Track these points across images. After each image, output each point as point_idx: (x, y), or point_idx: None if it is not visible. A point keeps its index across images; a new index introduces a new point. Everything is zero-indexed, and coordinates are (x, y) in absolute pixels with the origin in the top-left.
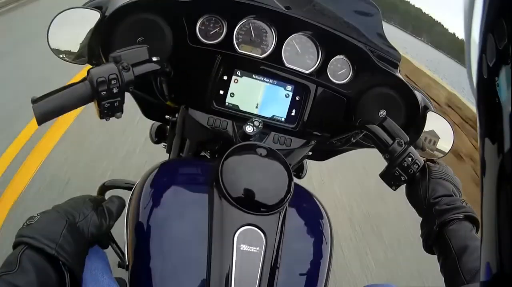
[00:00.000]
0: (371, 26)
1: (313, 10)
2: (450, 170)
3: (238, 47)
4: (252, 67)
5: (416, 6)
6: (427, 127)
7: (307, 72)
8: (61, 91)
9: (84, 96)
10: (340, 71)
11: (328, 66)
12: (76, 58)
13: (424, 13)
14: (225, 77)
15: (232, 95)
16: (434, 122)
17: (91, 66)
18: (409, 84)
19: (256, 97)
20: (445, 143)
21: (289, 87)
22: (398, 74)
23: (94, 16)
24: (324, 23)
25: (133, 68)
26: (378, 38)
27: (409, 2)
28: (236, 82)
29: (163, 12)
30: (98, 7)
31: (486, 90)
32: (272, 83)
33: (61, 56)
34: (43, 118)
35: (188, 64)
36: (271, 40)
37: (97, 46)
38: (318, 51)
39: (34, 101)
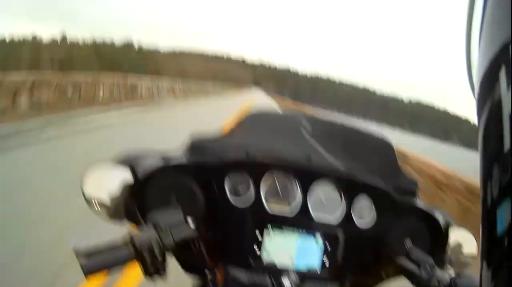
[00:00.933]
0: (387, 161)
1: (333, 155)
2: (476, 281)
3: (267, 203)
4: (282, 221)
5: (441, 109)
6: (451, 242)
7: (334, 222)
8: (106, 249)
9: (128, 258)
10: (364, 214)
11: (353, 211)
12: (113, 215)
13: (450, 113)
14: (257, 233)
15: (266, 250)
16: (457, 235)
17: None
18: (429, 209)
19: (290, 250)
20: (469, 250)
21: (319, 237)
22: (418, 202)
23: (125, 173)
24: (343, 166)
25: (172, 233)
26: (394, 171)
27: (433, 107)
28: (269, 238)
29: (191, 174)
30: (127, 164)
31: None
32: (303, 235)
33: (96, 210)
34: (89, 272)
35: (221, 223)
36: (297, 194)
37: (133, 205)
38: (341, 198)
39: (79, 253)
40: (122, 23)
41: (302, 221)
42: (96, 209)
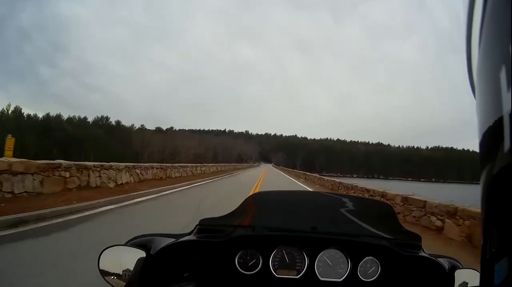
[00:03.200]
0: (388, 221)
1: (337, 223)
2: None
3: (276, 273)
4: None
5: (459, 149)
6: (458, 281)
7: (340, 280)
8: None
9: None
10: (370, 270)
11: (358, 269)
12: None
13: (472, 151)
14: None
15: None
16: (464, 275)
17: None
18: (433, 257)
19: None
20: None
21: None
22: (422, 253)
23: (139, 254)
24: (348, 231)
25: None
26: (396, 229)
27: (454, 148)
28: None
29: (203, 251)
30: (142, 246)
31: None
32: None
33: (112, 284)
34: None
35: None
36: (304, 261)
37: (148, 282)
38: (347, 260)
39: None
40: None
41: (309, 284)
42: (111, 282)
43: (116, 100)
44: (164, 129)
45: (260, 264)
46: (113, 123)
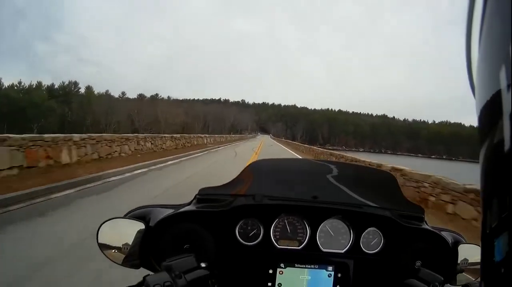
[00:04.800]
0: (391, 192)
1: (339, 192)
2: None
3: (277, 243)
4: (293, 258)
5: (467, 125)
6: (461, 256)
7: (343, 251)
8: None
9: None
10: (372, 241)
11: (361, 240)
12: (128, 262)
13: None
14: (270, 271)
15: (280, 285)
16: (467, 250)
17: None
18: (436, 230)
19: (302, 283)
20: (477, 263)
21: (330, 268)
22: (425, 226)
23: (138, 226)
24: (350, 201)
25: (185, 275)
26: (399, 200)
27: (461, 124)
28: (281, 274)
29: (203, 221)
30: (140, 218)
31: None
32: (314, 268)
33: (112, 258)
34: None
35: (234, 264)
36: (306, 231)
37: (148, 254)
38: (349, 230)
39: None
40: None
41: (311, 255)
42: (110, 256)
43: (111, 74)
44: (148, 96)
45: (261, 234)
46: (83, 90)
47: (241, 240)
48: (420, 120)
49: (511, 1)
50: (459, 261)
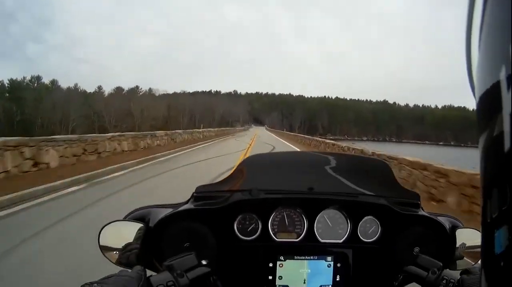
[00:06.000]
0: (386, 179)
1: (334, 182)
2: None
3: (275, 237)
4: (292, 250)
5: (471, 109)
6: (459, 241)
7: (341, 241)
8: None
9: None
10: (370, 230)
11: (358, 229)
12: (129, 263)
13: None
14: (270, 264)
15: (281, 278)
16: (465, 234)
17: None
18: (433, 215)
19: (302, 274)
20: (476, 244)
21: (329, 258)
22: (421, 212)
23: (138, 227)
24: (345, 191)
25: (187, 274)
26: (394, 187)
27: (466, 108)
28: (282, 266)
29: (201, 219)
30: (140, 219)
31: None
32: (314, 259)
33: (113, 260)
34: None
35: (234, 260)
36: (303, 223)
37: (149, 254)
38: (347, 220)
39: None
40: None
41: (310, 246)
42: (111, 258)
43: (104, 71)
44: (126, 89)
45: (259, 228)
46: (48, 83)
47: (240, 235)
48: (423, 105)
49: (511, 1)
50: (457, 246)
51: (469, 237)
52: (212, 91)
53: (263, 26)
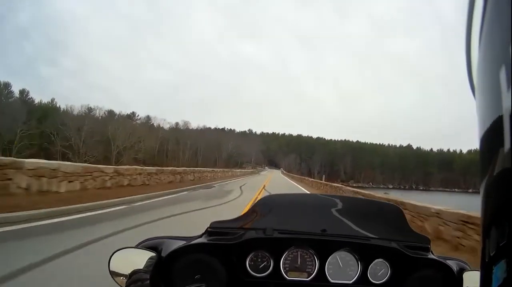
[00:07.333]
0: (397, 223)
1: (346, 225)
2: None
3: (286, 275)
4: None
5: (451, 150)
6: (466, 283)
7: (351, 282)
8: None
9: None
10: (379, 272)
11: (369, 271)
12: None
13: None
14: None
15: None
16: (472, 277)
17: None
18: (442, 259)
19: None
20: None
21: None
22: (431, 255)
23: (149, 256)
24: (357, 234)
25: None
26: (405, 231)
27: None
28: None
29: (214, 253)
30: (152, 248)
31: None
32: None
33: (121, 285)
34: None
35: None
36: (315, 263)
37: (160, 282)
38: (357, 262)
39: None
40: None
41: (320, 286)
42: (120, 283)
43: (116, 99)
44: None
45: (271, 266)
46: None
47: (251, 272)
48: (449, 150)
49: (511, 2)
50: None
51: (475, 279)
52: (226, 129)
53: (278, 65)
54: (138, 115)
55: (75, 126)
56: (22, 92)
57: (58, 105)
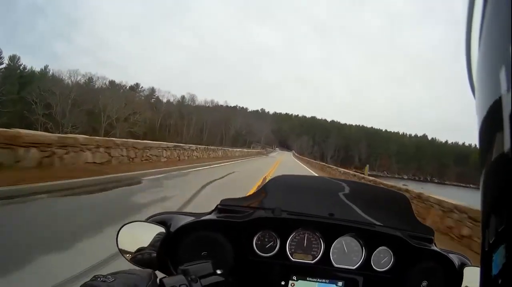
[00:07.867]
0: (403, 212)
1: (353, 210)
2: None
3: (292, 256)
4: (305, 272)
5: (466, 144)
6: (466, 278)
7: (354, 268)
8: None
9: None
10: (383, 260)
11: (372, 257)
12: (145, 264)
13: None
14: (283, 282)
15: None
16: (473, 272)
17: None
18: (444, 252)
19: None
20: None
21: (340, 283)
22: (434, 247)
23: (158, 230)
24: (364, 220)
25: (200, 280)
26: (410, 220)
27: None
28: (293, 286)
29: (222, 230)
30: (161, 223)
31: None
32: (325, 282)
33: (128, 258)
34: None
35: (249, 274)
36: (320, 246)
37: (166, 257)
38: (362, 248)
39: None
40: None
41: (323, 269)
42: (128, 256)
43: (128, 78)
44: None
45: (277, 247)
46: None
47: (257, 251)
48: (464, 143)
49: (511, 1)
50: (464, 284)
51: (476, 275)
52: (238, 107)
53: (292, 51)
54: (142, 87)
55: (64, 94)
56: (13, 58)
57: (51, 73)
